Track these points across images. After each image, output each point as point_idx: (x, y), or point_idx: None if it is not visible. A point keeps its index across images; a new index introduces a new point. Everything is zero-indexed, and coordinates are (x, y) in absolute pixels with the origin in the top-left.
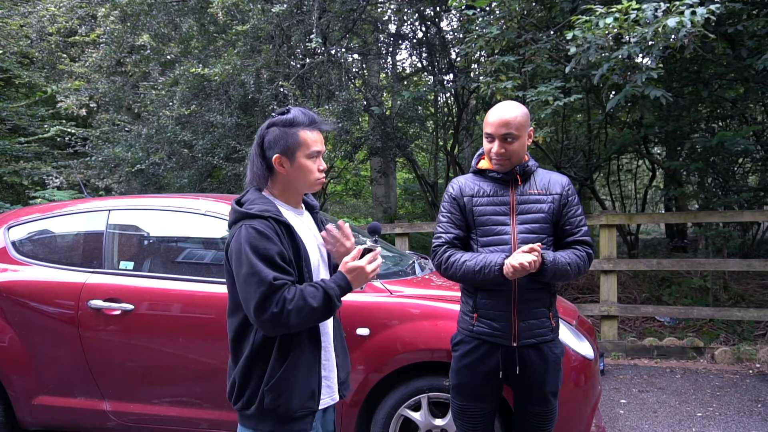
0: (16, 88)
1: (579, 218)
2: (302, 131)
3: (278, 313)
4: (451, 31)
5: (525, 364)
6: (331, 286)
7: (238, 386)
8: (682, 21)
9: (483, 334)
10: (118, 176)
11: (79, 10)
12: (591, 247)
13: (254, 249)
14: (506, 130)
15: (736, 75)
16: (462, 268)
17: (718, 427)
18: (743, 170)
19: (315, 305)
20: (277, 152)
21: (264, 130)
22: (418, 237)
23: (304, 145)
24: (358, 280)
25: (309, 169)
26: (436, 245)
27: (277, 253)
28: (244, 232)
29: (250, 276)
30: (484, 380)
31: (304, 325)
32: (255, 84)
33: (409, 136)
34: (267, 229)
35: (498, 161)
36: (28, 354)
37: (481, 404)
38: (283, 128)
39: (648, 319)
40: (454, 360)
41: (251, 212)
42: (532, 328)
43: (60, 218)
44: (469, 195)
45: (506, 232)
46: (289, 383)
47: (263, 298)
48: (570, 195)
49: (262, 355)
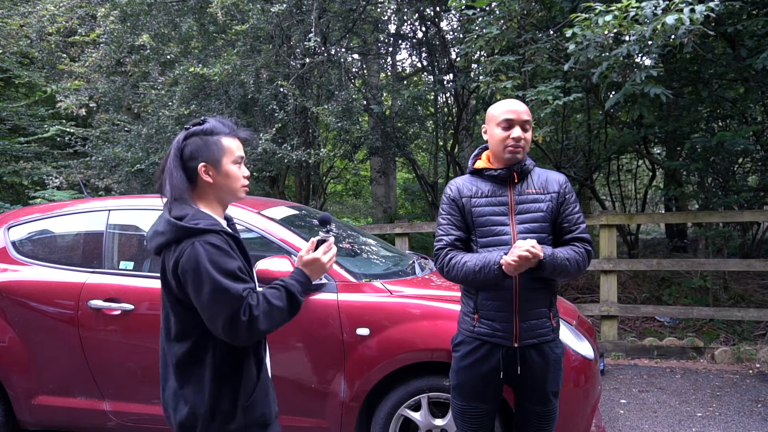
0: (16, 88)
1: (577, 215)
2: (223, 138)
3: (248, 321)
4: (451, 31)
5: (526, 364)
6: (291, 283)
7: (207, 411)
8: (681, 18)
9: (484, 334)
10: (118, 176)
11: (78, 10)
12: (590, 244)
13: (215, 265)
14: (527, 117)
15: (736, 75)
16: (463, 269)
17: (718, 427)
18: (743, 170)
19: (281, 305)
20: (202, 161)
21: (181, 142)
22: (418, 237)
23: (228, 151)
24: (315, 272)
25: (235, 176)
26: (438, 248)
27: (237, 267)
28: (200, 249)
29: (217, 293)
30: (485, 380)
31: (273, 328)
32: (255, 84)
33: (408, 135)
34: (222, 243)
35: (514, 148)
36: (28, 354)
37: (482, 404)
38: (205, 137)
39: (648, 319)
40: (455, 360)
41: (201, 227)
42: (533, 328)
43: (60, 218)
44: (468, 196)
45: (506, 232)
46: (267, 390)
47: (234, 310)
48: (567, 193)
49: (230, 371)
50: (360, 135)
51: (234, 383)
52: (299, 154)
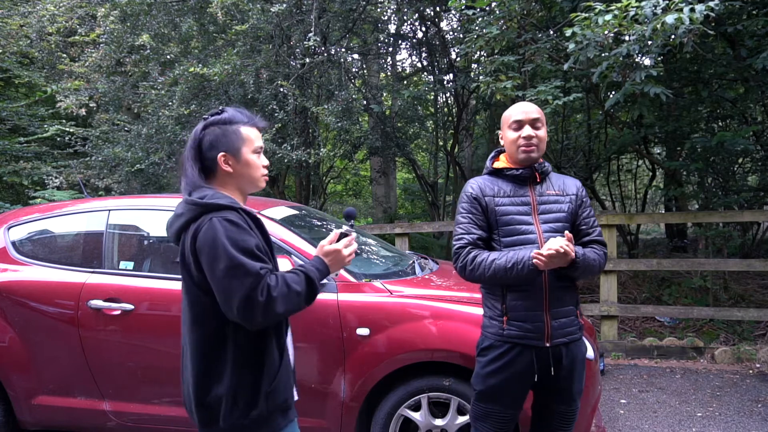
0: (16, 88)
1: (593, 219)
2: (243, 127)
3: (265, 301)
4: (451, 31)
5: (558, 364)
6: (311, 269)
7: (229, 398)
8: (680, 18)
9: (514, 337)
10: (118, 176)
11: (78, 10)
12: (605, 247)
13: (233, 241)
14: (536, 115)
15: (736, 75)
16: (491, 266)
17: (718, 427)
18: (743, 170)
19: (299, 290)
20: (221, 151)
21: (200, 132)
22: (418, 237)
23: (247, 140)
24: (335, 263)
25: (255, 165)
26: (459, 246)
27: (255, 244)
28: (217, 224)
29: (232, 269)
30: (518, 384)
31: (289, 312)
32: (254, 84)
33: (408, 135)
34: (241, 220)
35: (526, 147)
36: (28, 354)
37: (509, 409)
38: (223, 126)
39: (648, 319)
40: (481, 365)
41: (220, 203)
42: (563, 326)
43: (60, 218)
44: (490, 195)
45: (531, 231)
46: (288, 375)
47: (250, 289)
48: (584, 196)
49: (252, 356)
50: (360, 135)
51: (256, 369)
52: (299, 153)
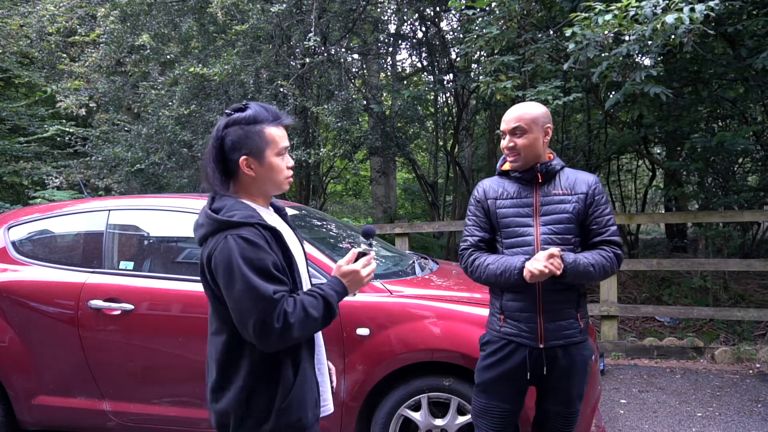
0: (16, 88)
1: (606, 218)
2: (267, 128)
3: (281, 328)
4: (451, 31)
5: (553, 365)
6: (329, 293)
7: (242, 409)
8: (680, 18)
9: (510, 334)
10: (118, 176)
11: (78, 10)
12: (620, 247)
13: (248, 261)
14: (515, 123)
15: (736, 75)
16: (485, 271)
17: (718, 427)
18: (743, 170)
19: (317, 315)
20: (244, 154)
21: (221, 131)
22: (418, 237)
23: (272, 142)
24: (353, 284)
25: (279, 168)
26: (463, 248)
27: (271, 263)
28: (232, 243)
29: (247, 292)
30: (510, 380)
31: (304, 337)
32: (254, 84)
33: (408, 135)
34: (257, 237)
35: (508, 156)
36: (28, 354)
37: (504, 404)
38: (246, 127)
39: (648, 319)
40: (481, 358)
41: (234, 220)
42: (560, 329)
43: (60, 218)
44: (493, 197)
45: (529, 233)
46: (304, 394)
47: (264, 314)
48: (597, 194)
49: (267, 371)
50: (360, 135)
51: (270, 384)
52: (299, 153)
